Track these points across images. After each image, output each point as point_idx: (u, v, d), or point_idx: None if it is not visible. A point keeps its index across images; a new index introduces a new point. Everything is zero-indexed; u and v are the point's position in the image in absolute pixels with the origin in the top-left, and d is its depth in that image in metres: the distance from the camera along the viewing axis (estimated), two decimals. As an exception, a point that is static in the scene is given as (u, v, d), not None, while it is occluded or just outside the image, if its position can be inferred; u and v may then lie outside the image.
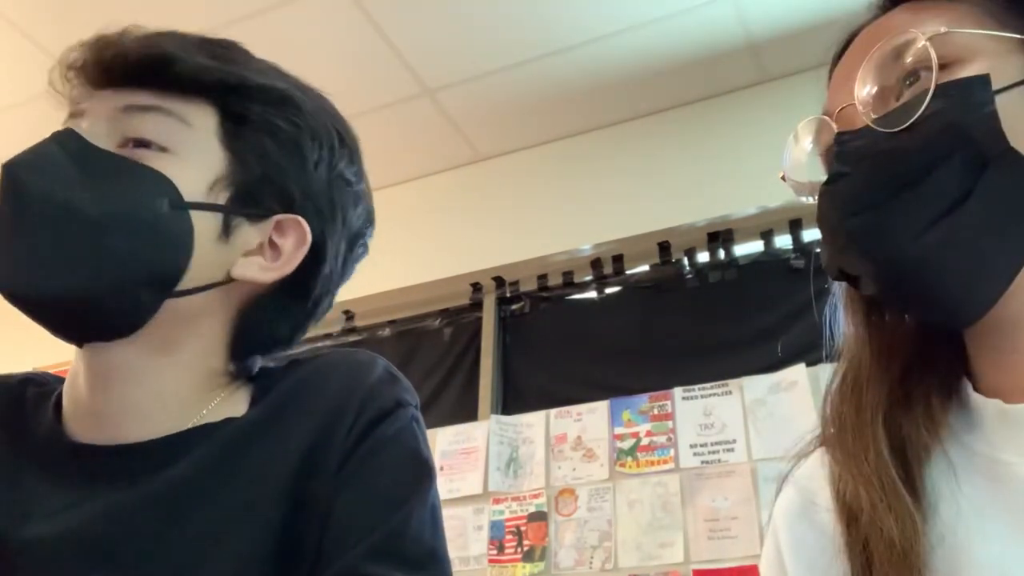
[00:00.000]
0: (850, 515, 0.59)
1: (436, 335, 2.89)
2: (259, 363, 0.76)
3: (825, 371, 0.67)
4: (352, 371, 0.71)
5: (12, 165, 0.63)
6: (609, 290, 2.72)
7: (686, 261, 2.61)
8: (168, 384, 0.68)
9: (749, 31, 2.46)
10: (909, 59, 0.58)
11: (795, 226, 2.46)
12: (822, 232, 0.62)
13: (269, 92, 0.70)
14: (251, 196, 0.69)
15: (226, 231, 0.67)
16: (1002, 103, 0.55)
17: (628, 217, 2.65)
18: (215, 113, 0.68)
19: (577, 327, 2.69)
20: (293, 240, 0.70)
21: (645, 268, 2.67)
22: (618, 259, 2.69)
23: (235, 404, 0.71)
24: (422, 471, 0.69)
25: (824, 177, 0.62)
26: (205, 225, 0.66)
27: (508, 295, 2.83)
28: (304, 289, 0.73)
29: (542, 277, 2.80)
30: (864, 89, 0.59)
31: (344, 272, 0.77)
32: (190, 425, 0.68)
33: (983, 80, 0.56)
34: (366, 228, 0.79)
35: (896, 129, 0.56)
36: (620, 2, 2.36)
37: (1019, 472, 0.55)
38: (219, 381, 0.71)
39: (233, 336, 0.71)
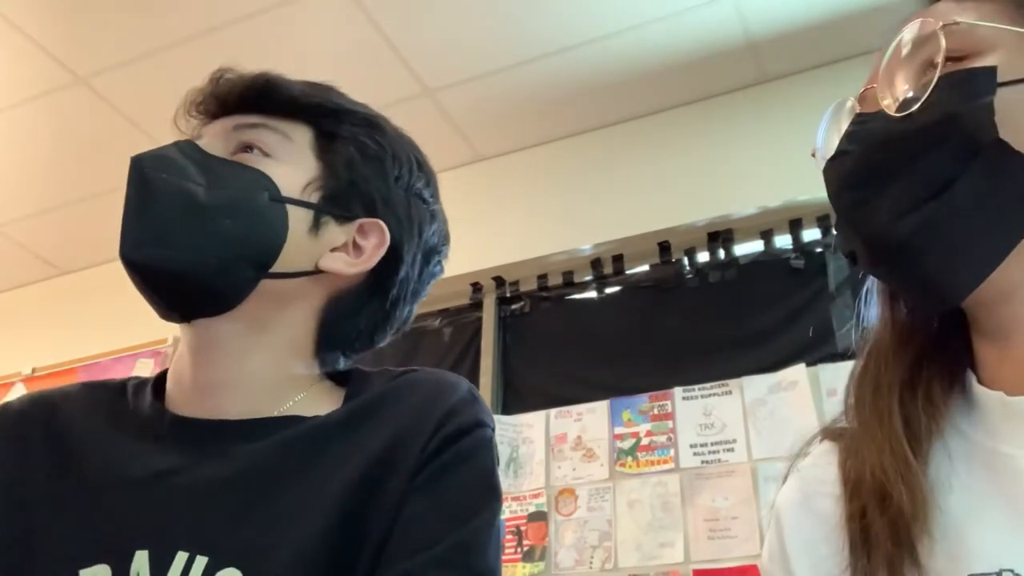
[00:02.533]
0: (856, 483, 0.60)
1: (436, 335, 2.89)
2: (342, 363, 0.83)
3: (825, 371, 0.67)
4: (437, 387, 0.76)
5: (139, 158, 0.74)
6: (609, 290, 2.71)
7: (686, 261, 2.61)
8: (259, 363, 0.76)
9: (749, 31, 2.46)
10: (928, 48, 0.60)
11: (795, 226, 2.46)
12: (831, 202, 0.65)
13: (357, 115, 0.82)
14: (339, 199, 0.79)
15: (316, 226, 0.77)
16: (1007, 97, 0.56)
17: (628, 217, 2.65)
18: (311, 131, 0.80)
19: (577, 327, 2.69)
20: (374, 241, 0.79)
21: (645, 268, 2.67)
22: (618, 259, 2.69)
23: (323, 400, 0.77)
24: (493, 492, 0.73)
25: None
26: (298, 219, 0.76)
27: (508, 295, 2.83)
28: (382, 288, 0.81)
29: (542, 277, 2.80)
30: (886, 74, 0.62)
31: (421, 284, 0.86)
32: (280, 412, 0.75)
33: (988, 72, 0.57)
34: (442, 246, 0.89)
35: (901, 114, 0.59)
36: (620, 2, 2.36)
37: (1019, 465, 0.56)
38: (308, 375, 0.79)
39: (319, 327, 0.79)
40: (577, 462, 2.44)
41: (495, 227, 2.85)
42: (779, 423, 2.22)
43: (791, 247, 2.46)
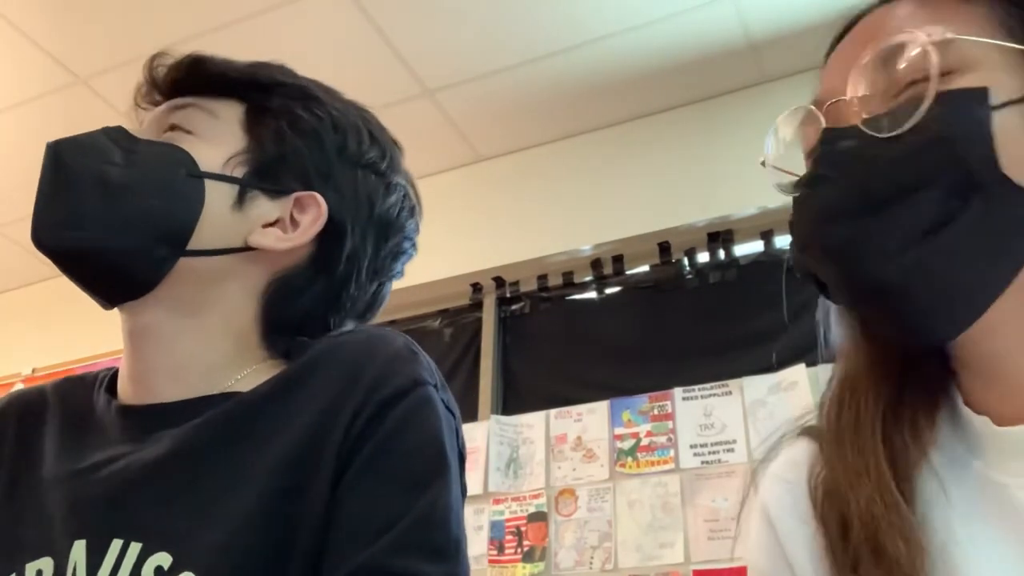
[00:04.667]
0: (841, 525, 0.57)
1: (436, 335, 2.89)
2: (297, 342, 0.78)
3: (825, 371, 0.66)
4: (368, 346, 0.71)
5: (54, 143, 0.72)
6: (609, 290, 2.71)
7: (686, 261, 2.61)
8: (194, 347, 0.73)
9: (749, 31, 2.46)
10: (909, 61, 0.55)
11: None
12: (794, 234, 0.60)
13: (290, 87, 0.80)
14: (267, 173, 0.76)
15: (240, 201, 0.74)
16: (1000, 121, 0.52)
17: (628, 217, 2.65)
18: (241, 107, 0.78)
19: (577, 327, 2.69)
20: (311, 216, 0.76)
21: (645, 268, 2.67)
22: (618, 259, 2.69)
23: (266, 376, 0.72)
24: (442, 456, 0.67)
25: (800, 172, 0.60)
26: (219, 194, 0.73)
27: (508, 295, 2.83)
28: (327, 266, 0.77)
29: (542, 277, 2.80)
30: (859, 85, 0.56)
31: (381, 262, 0.81)
32: (217, 392, 0.72)
33: (980, 94, 0.53)
34: (406, 220, 0.84)
35: (886, 135, 0.53)
36: (620, 2, 2.36)
37: (1014, 495, 0.54)
38: (252, 353, 0.75)
39: (261, 309, 0.76)
40: (577, 462, 2.44)
41: (495, 227, 2.85)
42: (779, 424, 2.21)
43: (791, 247, 2.46)
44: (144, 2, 2.30)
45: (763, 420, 2.25)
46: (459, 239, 2.87)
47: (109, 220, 0.69)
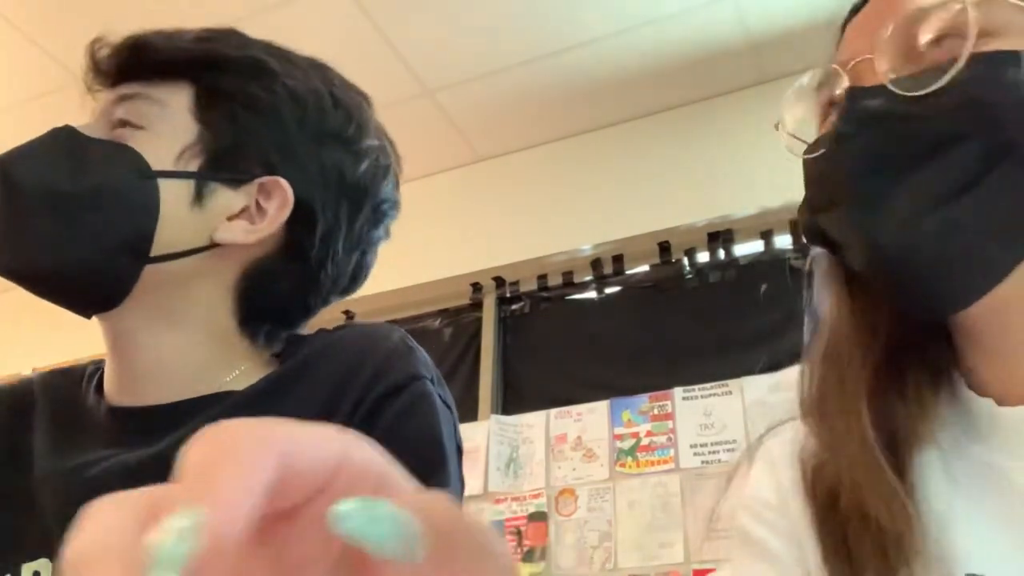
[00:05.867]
0: (830, 498, 0.56)
1: (436, 335, 2.89)
2: (283, 334, 0.76)
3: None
4: (364, 342, 0.70)
5: (4, 160, 0.68)
6: (609, 290, 2.71)
7: (686, 261, 2.61)
8: (175, 349, 0.70)
9: (749, 31, 2.46)
10: (943, 21, 0.53)
11: (795, 226, 2.46)
12: (809, 192, 0.58)
13: (240, 63, 0.73)
14: (225, 162, 0.70)
15: (199, 197, 0.69)
16: None
17: (628, 217, 2.65)
18: (191, 91, 0.72)
19: (577, 327, 2.69)
20: (278, 201, 0.71)
21: (645, 268, 2.67)
22: (618, 259, 2.69)
23: (260, 374, 0.71)
24: (441, 451, 0.66)
25: (815, 133, 0.58)
26: (175, 192, 0.68)
27: (508, 295, 2.83)
28: (300, 249, 0.72)
29: (542, 277, 2.80)
30: (888, 44, 0.54)
31: (358, 232, 0.76)
32: (209, 392, 0.70)
33: (1015, 57, 0.51)
34: (378, 184, 0.77)
35: (916, 94, 0.51)
36: (620, 2, 2.36)
37: (1015, 479, 0.53)
38: (237, 350, 0.72)
39: (237, 302, 0.72)
40: (577, 462, 2.44)
41: (495, 227, 2.85)
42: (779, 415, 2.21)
43: (791, 247, 2.46)
44: (144, 2, 2.30)
45: (763, 420, 2.25)
46: (459, 239, 2.87)
47: (64, 238, 0.66)
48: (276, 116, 0.72)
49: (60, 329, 3.35)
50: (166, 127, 0.70)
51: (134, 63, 0.72)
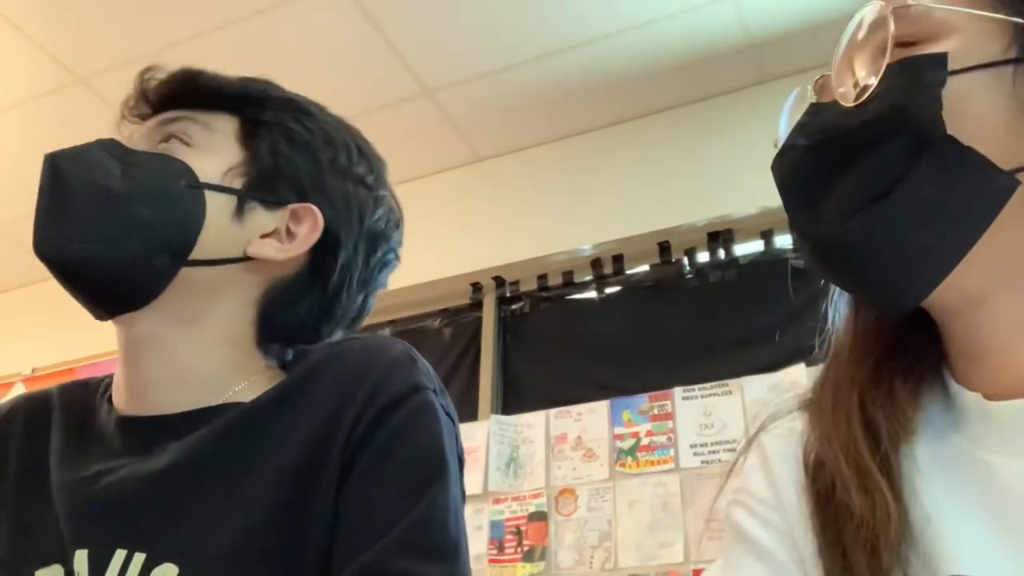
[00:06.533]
0: (827, 491, 0.57)
1: (436, 335, 2.89)
2: (291, 351, 0.80)
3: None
4: (367, 354, 0.73)
5: (53, 155, 0.72)
6: (609, 290, 2.71)
7: (686, 261, 2.61)
8: (191, 356, 0.73)
9: (749, 31, 2.46)
10: (881, 32, 0.55)
11: (795, 226, 2.46)
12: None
13: (282, 102, 0.81)
14: (264, 185, 0.77)
15: (240, 212, 0.75)
16: (958, 86, 0.52)
17: (628, 217, 2.65)
18: (236, 120, 0.79)
19: (577, 327, 2.69)
20: (307, 227, 0.77)
21: (645, 268, 2.67)
22: (618, 259, 2.69)
23: (266, 386, 0.74)
24: (442, 460, 0.69)
25: None
26: (219, 205, 0.74)
27: (508, 295, 2.83)
28: (322, 276, 0.78)
29: (542, 277, 2.80)
30: (843, 61, 0.58)
31: (370, 273, 0.82)
32: (216, 403, 0.72)
33: (938, 59, 0.53)
34: (391, 232, 0.85)
35: (850, 105, 0.55)
36: (620, 2, 2.36)
37: (1001, 474, 0.53)
38: (250, 363, 0.76)
39: (257, 318, 0.76)
40: (577, 462, 2.44)
41: (495, 227, 2.85)
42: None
43: (791, 247, 2.46)
44: (144, 2, 2.30)
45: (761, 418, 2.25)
46: (459, 239, 2.87)
47: (112, 230, 0.70)
48: (311, 151, 0.79)
49: (59, 329, 3.36)
50: (213, 147, 0.76)
51: (184, 92, 0.78)
